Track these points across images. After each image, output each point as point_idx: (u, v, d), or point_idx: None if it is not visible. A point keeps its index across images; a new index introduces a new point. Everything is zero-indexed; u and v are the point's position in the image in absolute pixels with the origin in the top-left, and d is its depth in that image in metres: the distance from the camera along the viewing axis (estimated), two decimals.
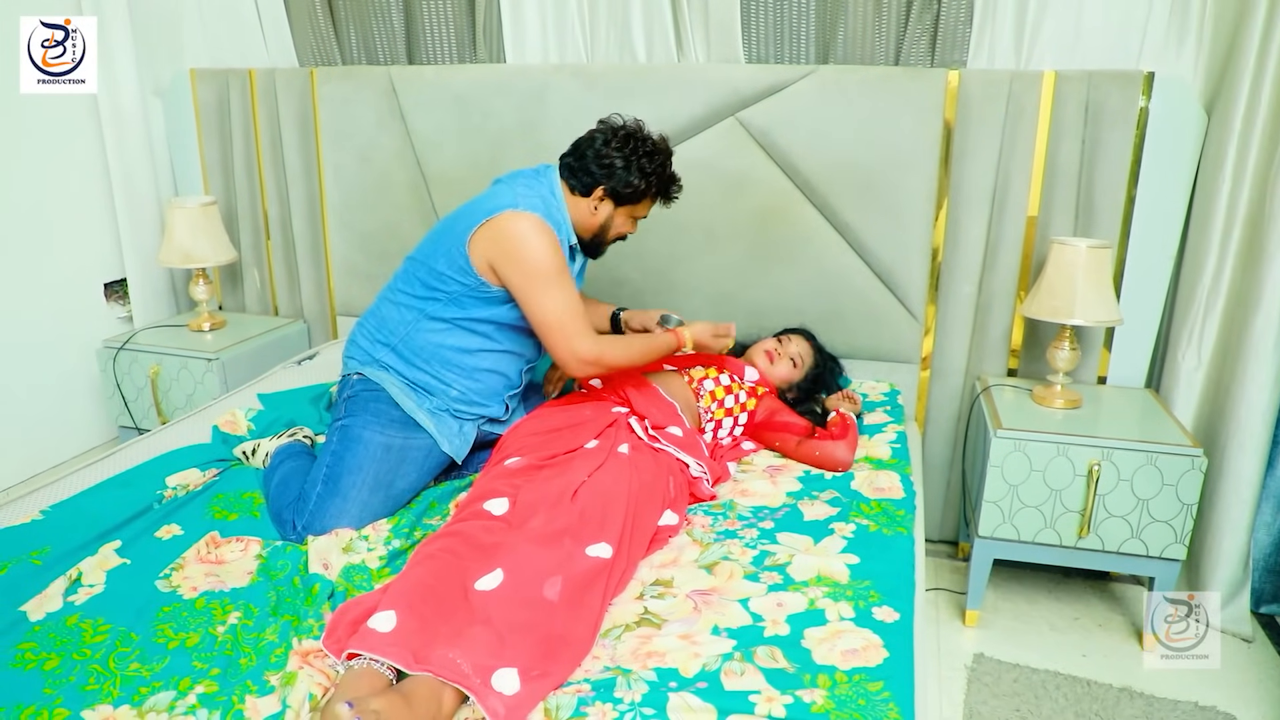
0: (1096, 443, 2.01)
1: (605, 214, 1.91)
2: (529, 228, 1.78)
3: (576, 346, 1.80)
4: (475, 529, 1.53)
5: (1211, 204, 2.11)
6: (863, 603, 1.48)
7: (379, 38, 2.68)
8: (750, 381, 2.15)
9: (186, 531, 1.70)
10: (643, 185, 1.87)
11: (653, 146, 1.89)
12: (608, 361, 1.84)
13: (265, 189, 2.87)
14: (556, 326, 1.80)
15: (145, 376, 2.66)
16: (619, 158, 1.85)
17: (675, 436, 1.89)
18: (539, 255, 1.78)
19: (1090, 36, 2.18)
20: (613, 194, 1.88)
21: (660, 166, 1.89)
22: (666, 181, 1.93)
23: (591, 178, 1.87)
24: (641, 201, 1.92)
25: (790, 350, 2.25)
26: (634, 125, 1.91)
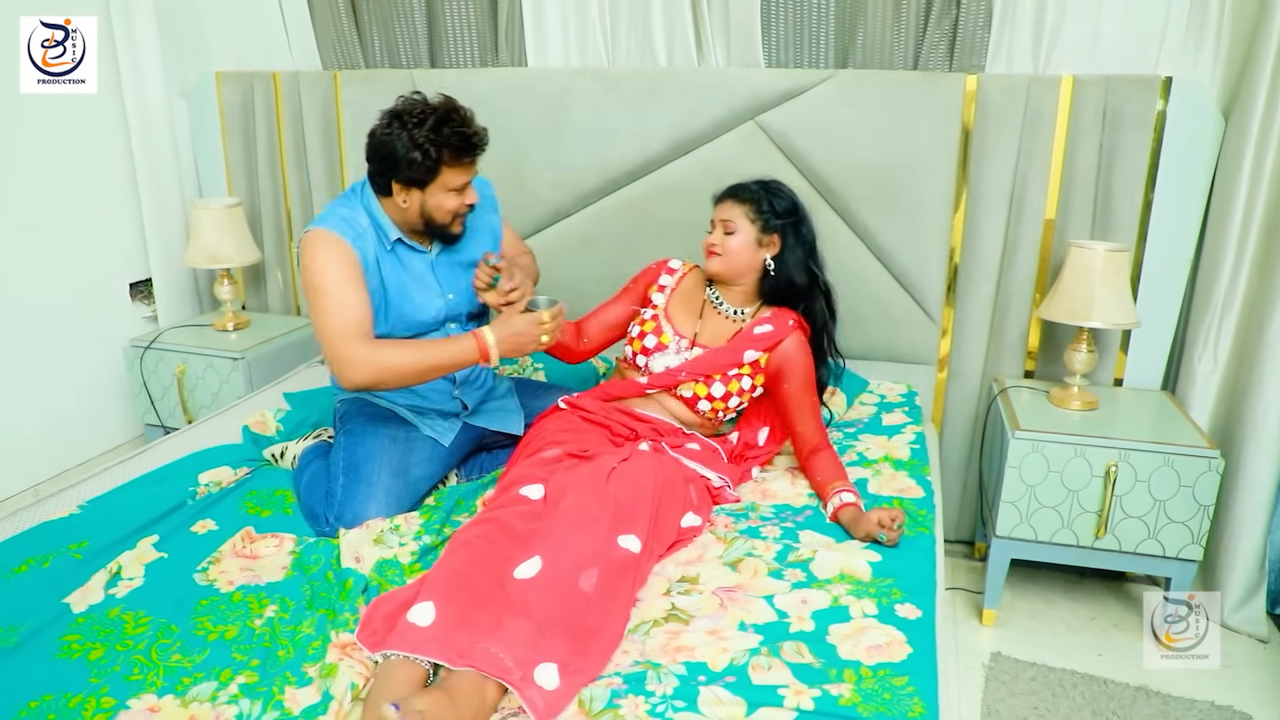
0: (1114, 444, 2.03)
1: (416, 201, 1.79)
2: (312, 246, 1.76)
3: (344, 349, 1.70)
4: (511, 515, 1.55)
5: (1228, 208, 2.13)
6: (885, 600, 1.51)
7: (402, 41, 2.72)
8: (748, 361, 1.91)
9: (221, 527, 1.73)
10: (424, 158, 1.72)
11: (422, 114, 1.72)
12: (381, 361, 1.72)
13: (289, 190, 2.91)
14: (324, 333, 1.73)
15: (171, 375, 2.70)
16: (396, 142, 1.72)
17: (693, 451, 1.89)
18: (309, 271, 1.75)
19: (1108, 42, 2.21)
20: (408, 181, 1.76)
21: (434, 130, 1.71)
22: (451, 140, 1.73)
23: (384, 174, 1.78)
24: (439, 173, 1.75)
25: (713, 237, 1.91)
26: (403, 103, 1.77)
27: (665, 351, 1.94)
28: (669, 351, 1.94)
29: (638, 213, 2.54)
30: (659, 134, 2.48)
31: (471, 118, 1.79)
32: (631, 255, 2.41)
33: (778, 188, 1.94)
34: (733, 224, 1.88)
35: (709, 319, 1.98)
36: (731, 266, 1.90)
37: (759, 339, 1.90)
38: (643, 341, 1.96)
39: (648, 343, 1.96)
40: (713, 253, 1.90)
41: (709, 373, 1.90)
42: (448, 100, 1.78)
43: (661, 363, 1.93)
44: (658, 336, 1.96)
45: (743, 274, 1.92)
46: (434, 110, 1.74)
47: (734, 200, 1.90)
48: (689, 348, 1.94)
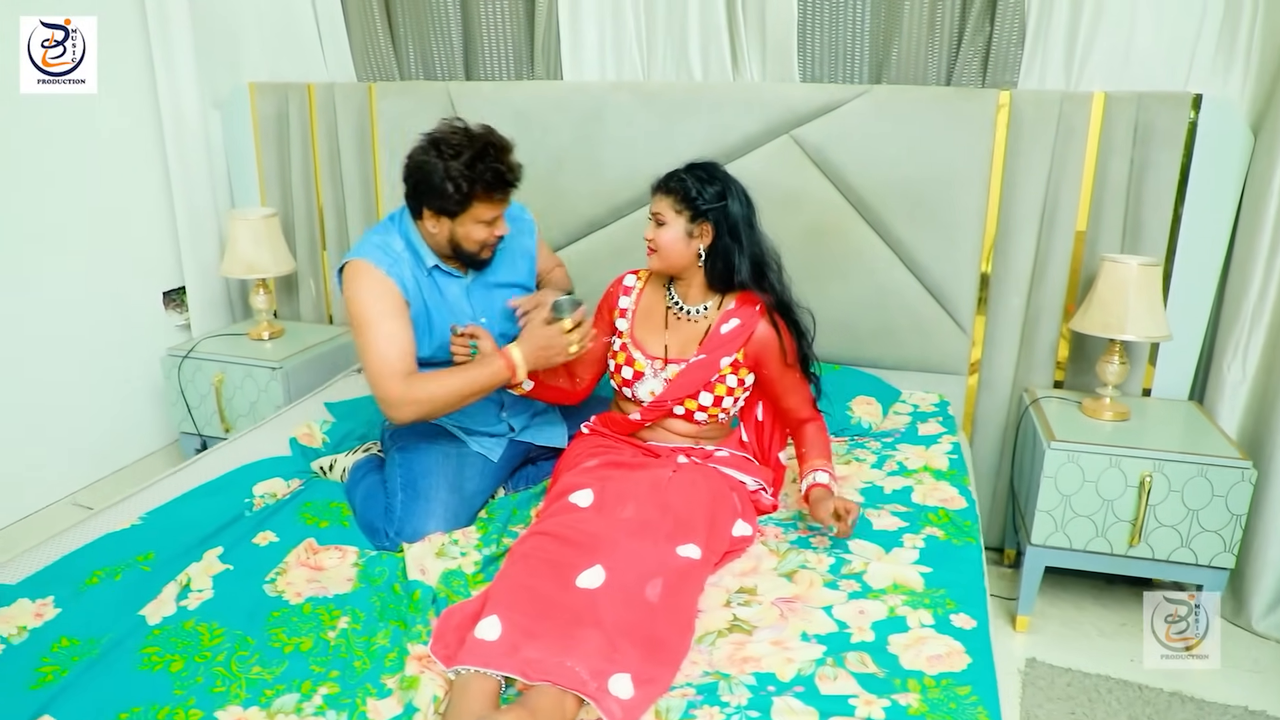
0: (1148, 454, 2.07)
1: (446, 229, 1.81)
2: (354, 279, 1.80)
3: (384, 388, 1.74)
4: (564, 525, 1.57)
5: (1258, 222, 2.17)
6: (941, 610, 1.55)
7: (437, 53, 2.75)
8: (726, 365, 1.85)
9: (282, 539, 1.77)
10: (455, 190, 1.73)
11: (459, 146, 1.73)
12: (419, 397, 1.74)
13: (322, 201, 2.94)
14: (367, 371, 1.77)
15: (209, 384, 2.73)
16: (432, 171, 1.73)
17: (724, 459, 1.90)
18: (350, 304, 1.79)
19: (1139, 59, 2.25)
20: (440, 210, 1.78)
21: (469, 165, 1.72)
22: (485, 176, 1.73)
23: (417, 199, 1.81)
24: (471, 205, 1.77)
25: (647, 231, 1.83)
26: (443, 129, 1.78)
27: (644, 378, 1.90)
28: (646, 377, 1.90)
29: None
30: (694, 147, 2.50)
31: (509, 150, 1.79)
32: None
33: (707, 173, 1.81)
34: (662, 216, 1.80)
35: (675, 329, 1.90)
36: (667, 261, 1.82)
37: (728, 338, 1.84)
38: (621, 374, 1.92)
39: (625, 374, 1.91)
40: (650, 249, 1.83)
41: (692, 392, 1.85)
42: (487, 132, 1.79)
43: (646, 389, 1.90)
44: (631, 366, 1.90)
45: (684, 267, 1.84)
46: (471, 143, 1.75)
47: (662, 192, 1.81)
48: (663, 367, 1.88)
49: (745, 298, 1.87)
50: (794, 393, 1.90)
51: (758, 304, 1.85)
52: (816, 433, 1.91)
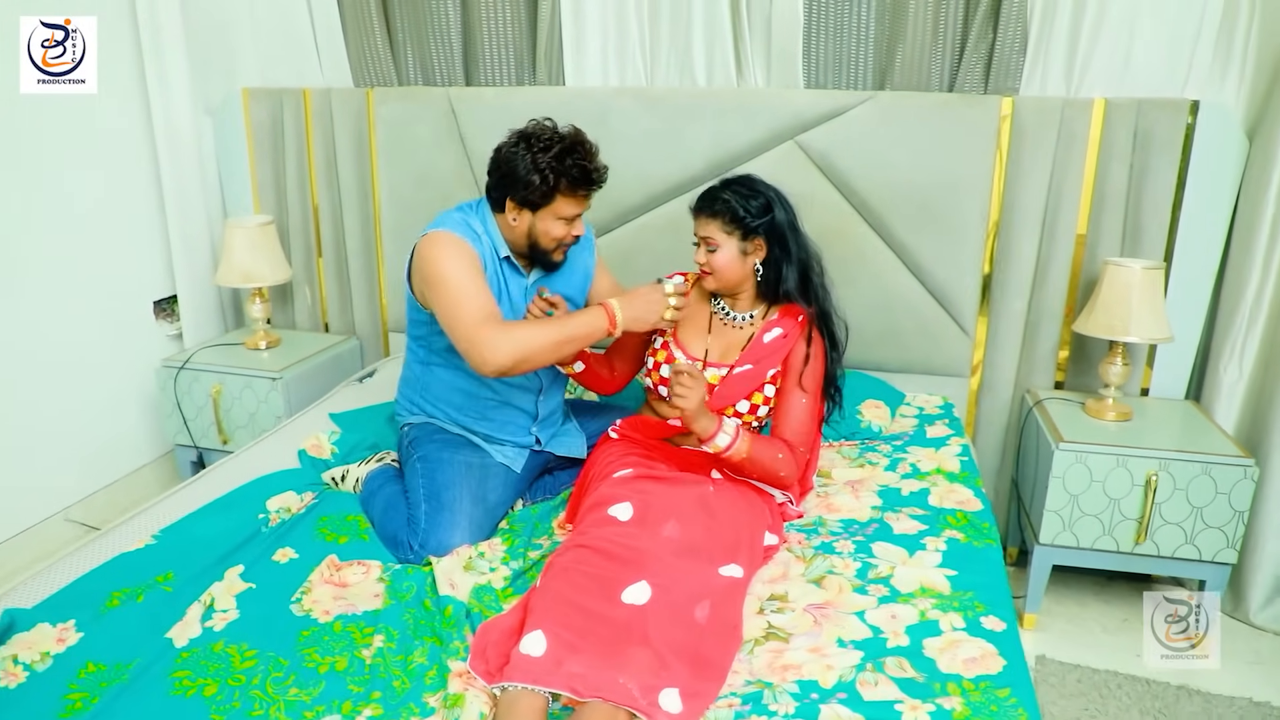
0: (1154, 454, 2.12)
1: (525, 222, 1.85)
2: (435, 243, 1.81)
3: (478, 333, 1.70)
4: (605, 538, 1.56)
5: (1255, 225, 2.23)
6: (970, 613, 1.57)
7: (437, 59, 2.72)
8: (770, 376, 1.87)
9: (302, 555, 1.74)
10: (542, 182, 1.77)
11: (549, 140, 1.79)
12: (516, 338, 1.71)
13: (319, 208, 2.90)
14: (457, 321, 1.73)
15: (206, 395, 2.68)
16: (519, 162, 1.78)
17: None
18: (434, 264, 1.78)
19: (1139, 65, 2.29)
20: (523, 201, 1.82)
21: (558, 158, 1.77)
22: (572, 171, 1.78)
23: (501, 190, 1.84)
24: (554, 199, 1.81)
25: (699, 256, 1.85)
26: (533, 126, 1.83)
27: None
28: None
29: (678, 229, 2.54)
30: (699, 153, 2.53)
31: (596, 153, 1.84)
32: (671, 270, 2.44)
33: (748, 188, 1.84)
34: (713, 240, 1.82)
35: (718, 332, 1.94)
36: (725, 281, 1.86)
37: (772, 349, 1.86)
38: (659, 372, 1.94)
39: (664, 372, 1.92)
40: (704, 272, 1.87)
41: (735, 400, 1.86)
42: (576, 132, 1.84)
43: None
44: (671, 365, 1.91)
45: (740, 284, 1.87)
46: (561, 139, 1.80)
47: (707, 215, 1.83)
48: (703, 369, 1.90)
49: (789, 308, 1.90)
50: (787, 411, 1.85)
51: (801, 314, 1.88)
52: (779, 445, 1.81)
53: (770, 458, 1.79)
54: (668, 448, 1.95)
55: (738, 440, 1.74)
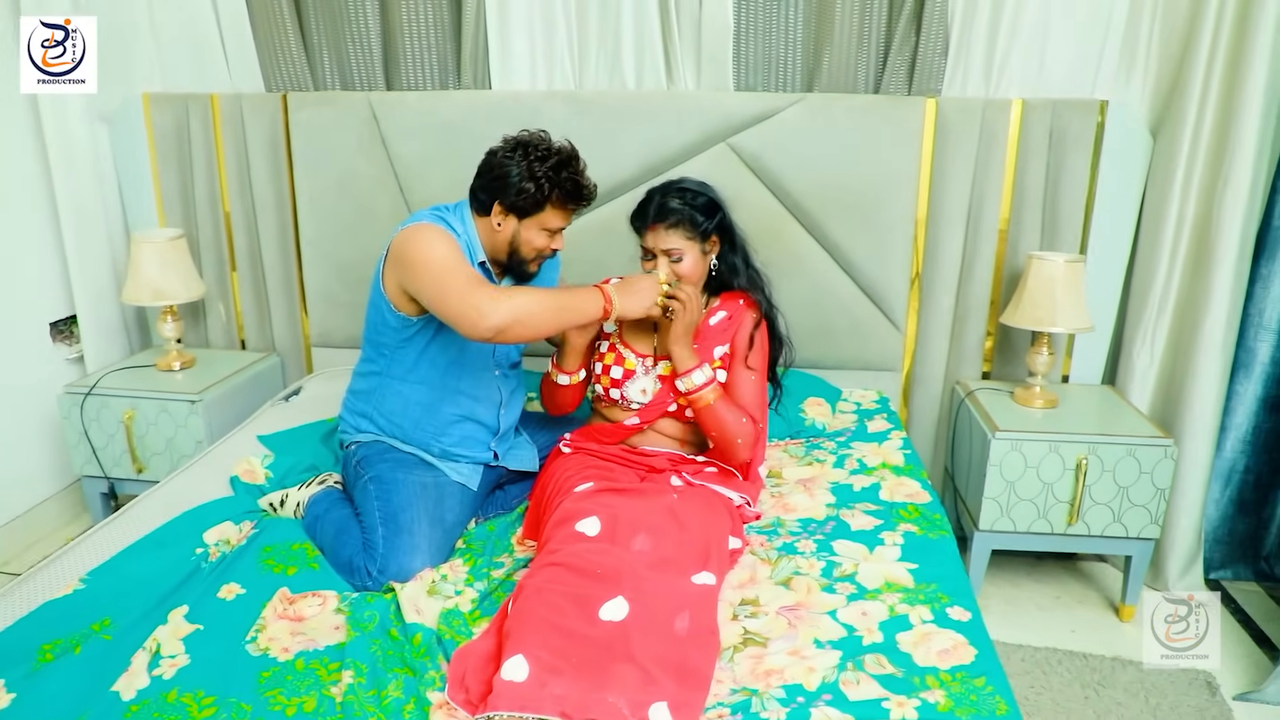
0: (1083, 439, 2.22)
1: (510, 229, 1.84)
2: (418, 231, 1.78)
3: (476, 296, 1.64)
4: (576, 555, 1.53)
5: (1161, 217, 2.36)
6: (936, 605, 1.60)
7: (355, 63, 2.62)
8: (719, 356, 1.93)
9: (250, 590, 1.64)
10: (535, 190, 1.77)
11: (546, 151, 1.80)
12: (516, 304, 1.66)
13: (231, 218, 2.76)
14: (448, 290, 1.68)
15: (116, 422, 2.51)
16: (513, 167, 1.78)
17: (713, 475, 1.91)
18: (418, 248, 1.74)
19: (1052, 67, 2.40)
20: (511, 207, 1.81)
21: (554, 169, 1.78)
22: (566, 184, 1.79)
23: (489, 194, 1.83)
24: (544, 209, 1.81)
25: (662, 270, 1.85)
26: (529, 134, 1.83)
27: (635, 377, 1.94)
28: (638, 376, 1.94)
29: (611, 234, 2.53)
30: (631, 156, 2.51)
31: (586, 172, 1.86)
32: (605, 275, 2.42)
33: (693, 190, 1.89)
34: (677, 250, 1.85)
35: (664, 328, 1.92)
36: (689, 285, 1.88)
37: (717, 329, 1.94)
38: (609, 375, 1.94)
39: (614, 374, 1.94)
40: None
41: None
42: (572, 147, 1.85)
43: (637, 388, 1.93)
44: (621, 365, 1.94)
45: (697, 283, 1.93)
46: (559, 151, 1.82)
47: (666, 226, 1.86)
48: (654, 364, 1.94)
49: (728, 295, 1.97)
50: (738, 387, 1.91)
51: (742, 298, 1.96)
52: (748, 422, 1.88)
53: (734, 419, 1.86)
54: (625, 456, 1.93)
55: (709, 385, 1.84)
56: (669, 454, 1.96)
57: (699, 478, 1.89)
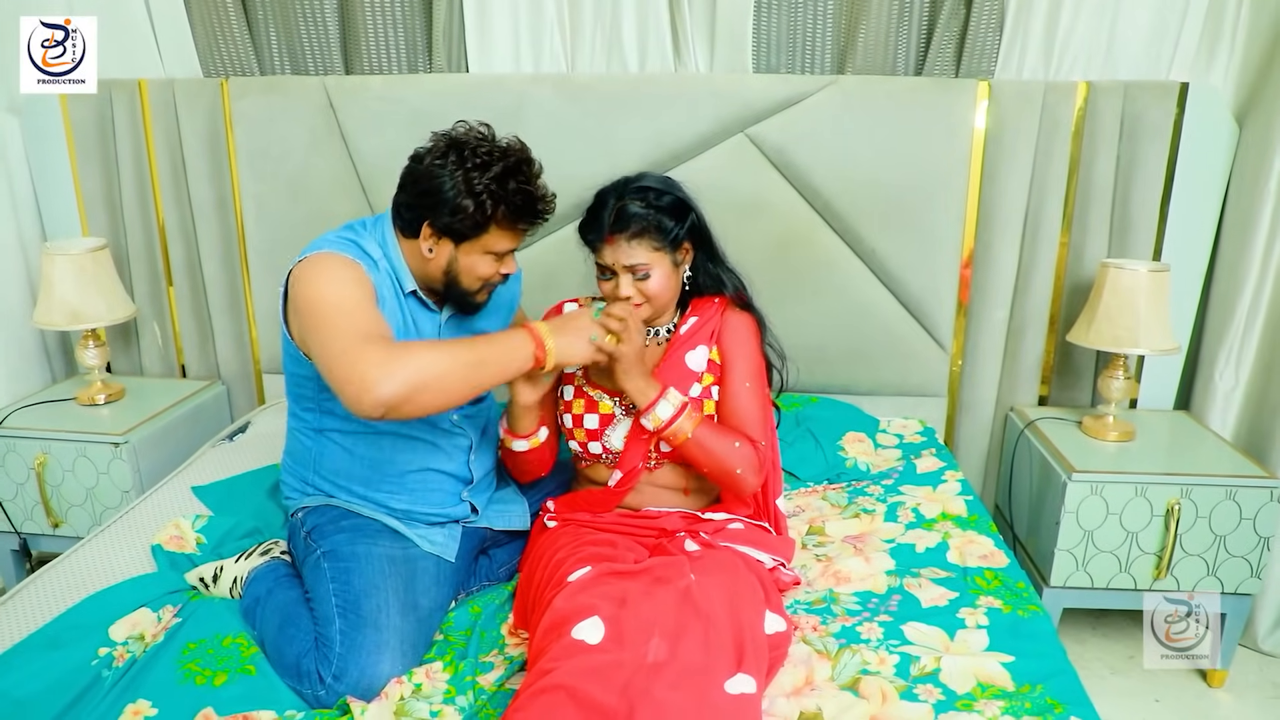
0: (1174, 480, 1.89)
1: (445, 255, 1.45)
2: (311, 265, 1.41)
3: (365, 357, 1.24)
4: (578, 674, 1.17)
5: (1250, 217, 2.04)
6: (1049, 717, 1.26)
7: (308, 43, 2.25)
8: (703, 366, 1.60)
9: (162, 712, 1.27)
10: (476, 208, 1.38)
11: (489, 155, 1.40)
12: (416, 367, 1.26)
13: (165, 227, 2.37)
14: (334, 349, 1.28)
15: (27, 469, 2.11)
16: (445, 179, 1.39)
17: (738, 533, 1.55)
18: (311, 288, 1.37)
19: (1121, 46, 2.08)
20: (446, 229, 1.42)
21: (498, 180, 1.39)
22: (514, 198, 1.41)
23: (416, 212, 1.44)
24: (487, 230, 1.42)
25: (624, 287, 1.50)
26: (465, 133, 1.44)
27: (615, 422, 1.58)
28: (618, 419, 1.58)
29: None
30: (633, 150, 2.15)
31: (540, 175, 1.44)
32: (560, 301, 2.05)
33: (653, 189, 1.53)
34: (644, 266, 1.50)
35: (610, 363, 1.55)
36: (659, 306, 1.56)
37: (692, 335, 1.59)
38: (583, 426, 1.59)
39: (589, 424, 1.58)
40: (636, 304, 1.52)
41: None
42: (521, 148, 1.46)
43: (619, 435, 1.58)
44: (595, 410, 1.59)
45: (672, 301, 1.59)
46: (504, 155, 1.41)
47: (628, 238, 1.49)
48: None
49: (699, 301, 1.63)
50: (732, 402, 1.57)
51: (715, 298, 1.63)
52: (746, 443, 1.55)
53: (726, 446, 1.52)
54: (625, 522, 1.57)
55: (682, 414, 1.50)
56: (679, 513, 1.60)
57: (720, 537, 1.53)
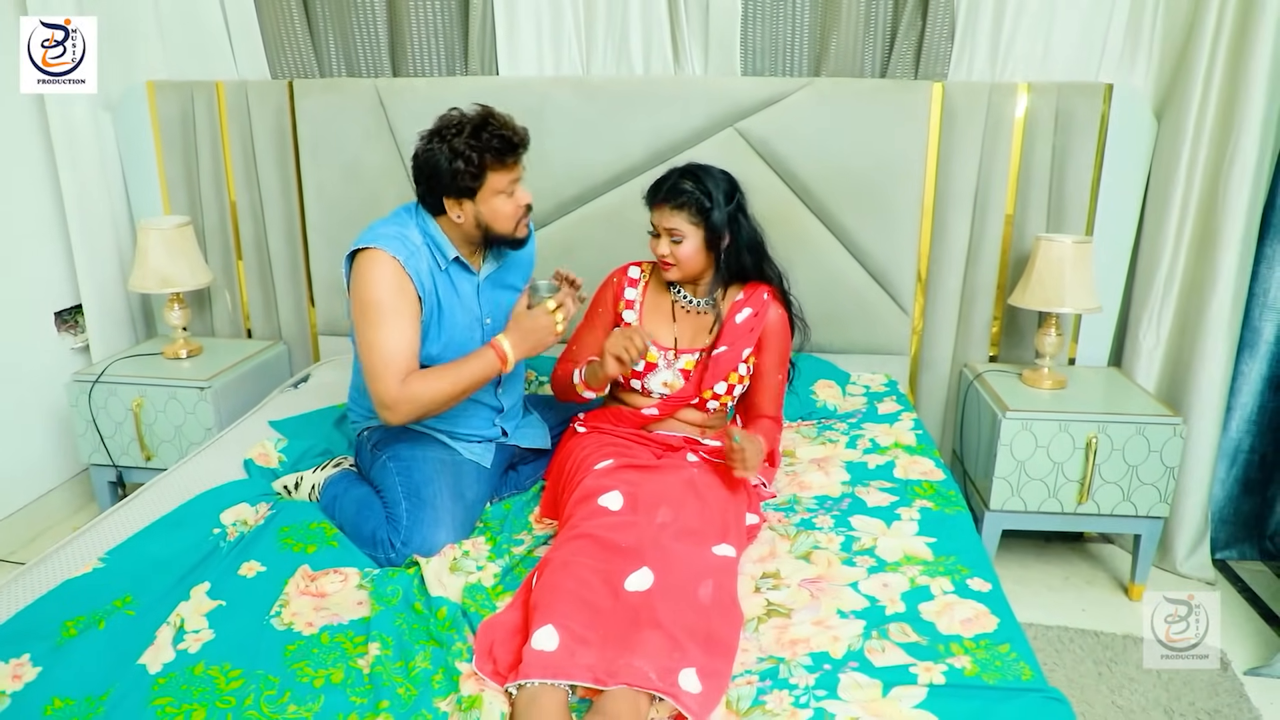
0: (1092, 418, 2.23)
1: (470, 214, 1.76)
2: (361, 266, 1.73)
3: (383, 388, 1.69)
4: (600, 528, 1.55)
5: (1166, 200, 2.38)
6: (956, 577, 1.62)
7: (362, 49, 2.62)
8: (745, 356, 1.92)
9: (270, 568, 1.64)
10: (466, 165, 1.70)
11: (460, 125, 1.72)
12: (414, 397, 1.69)
13: (237, 207, 2.75)
14: (366, 367, 1.71)
15: (124, 410, 2.49)
16: (439, 156, 1.71)
17: None
18: (364, 292, 1.72)
19: (1057, 51, 2.42)
20: (459, 192, 1.74)
21: (473, 136, 1.69)
22: (491, 143, 1.70)
23: (433, 192, 1.77)
24: (485, 176, 1.73)
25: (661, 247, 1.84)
26: (439, 120, 1.76)
27: (657, 370, 1.92)
28: (660, 369, 1.93)
29: (618, 220, 2.56)
30: (638, 142, 2.52)
31: (510, 120, 1.76)
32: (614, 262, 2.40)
33: (708, 176, 1.84)
34: (678, 231, 1.82)
35: (683, 320, 1.96)
36: (688, 272, 1.87)
37: (744, 328, 1.90)
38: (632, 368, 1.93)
39: (637, 366, 1.92)
40: (666, 264, 1.86)
41: (715, 382, 1.90)
42: (485, 109, 1.76)
43: (658, 380, 1.93)
44: (644, 357, 1.91)
45: (702, 272, 1.90)
46: (470, 118, 1.73)
47: (672, 207, 1.82)
48: (675, 358, 1.93)
49: (751, 287, 1.94)
50: (769, 387, 1.96)
51: (766, 291, 1.93)
52: (771, 427, 1.96)
53: (774, 441, 1.96)
54: (642, 436, 1.94)
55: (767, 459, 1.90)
56: (685, 436, 1.96)
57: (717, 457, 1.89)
